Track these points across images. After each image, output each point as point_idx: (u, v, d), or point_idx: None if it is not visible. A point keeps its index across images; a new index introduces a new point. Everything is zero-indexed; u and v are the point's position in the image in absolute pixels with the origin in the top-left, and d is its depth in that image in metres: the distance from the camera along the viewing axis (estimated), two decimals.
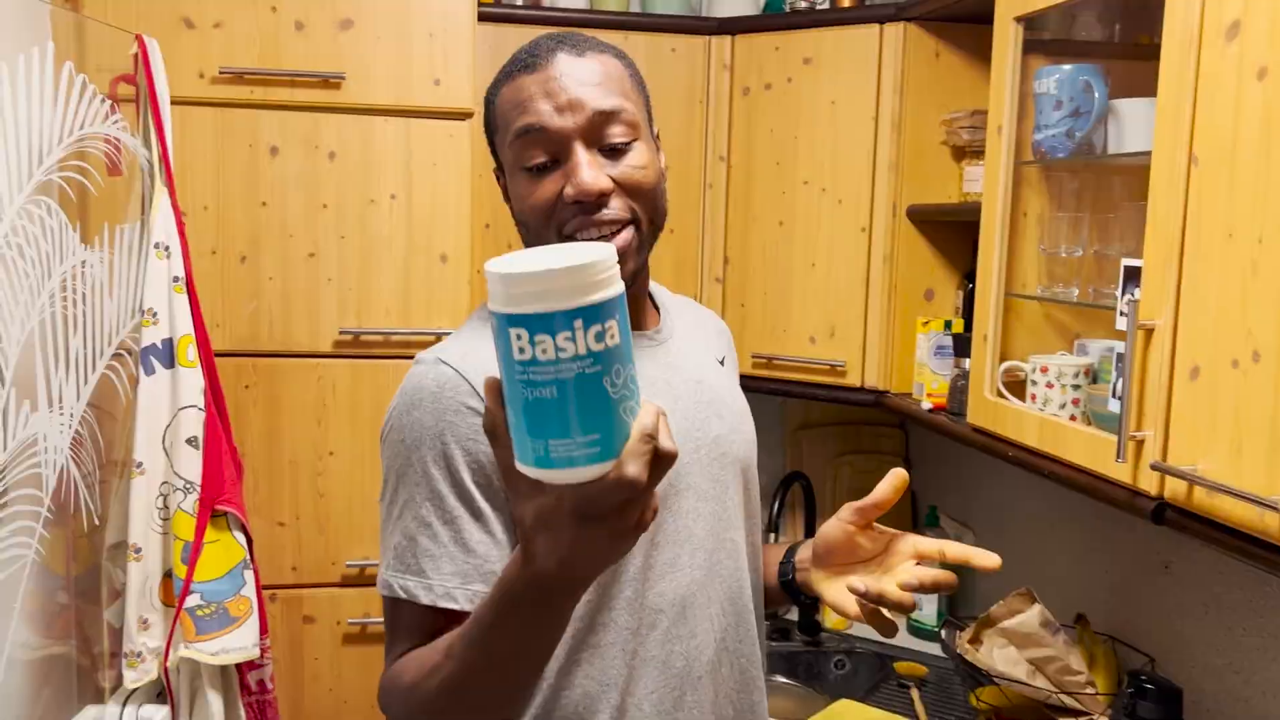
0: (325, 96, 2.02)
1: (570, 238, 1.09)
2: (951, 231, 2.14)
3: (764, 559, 1.33)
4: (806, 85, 2.18)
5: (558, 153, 1.10)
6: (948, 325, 2.05)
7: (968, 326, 1.93)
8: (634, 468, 0.71)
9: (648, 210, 1.14)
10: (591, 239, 1.09)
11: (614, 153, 1.11)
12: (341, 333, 2.07)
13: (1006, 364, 1.68)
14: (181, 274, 1.78)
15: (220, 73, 1.97)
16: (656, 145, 1.19)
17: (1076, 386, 1.57)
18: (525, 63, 1.12)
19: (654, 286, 1.31)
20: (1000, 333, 1.71)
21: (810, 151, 2.19)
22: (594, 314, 0.69)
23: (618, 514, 0.74)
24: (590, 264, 0.69)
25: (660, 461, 0.73)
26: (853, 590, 1.12)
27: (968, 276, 2.11)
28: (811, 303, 2.22)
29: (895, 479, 1.16)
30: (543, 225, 1.11)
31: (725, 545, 1.20)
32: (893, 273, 2.13)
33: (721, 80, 2.28)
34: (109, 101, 1.73)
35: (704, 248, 2.34)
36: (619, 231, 1.11)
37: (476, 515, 1.05)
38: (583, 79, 1.10)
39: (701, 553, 1.17)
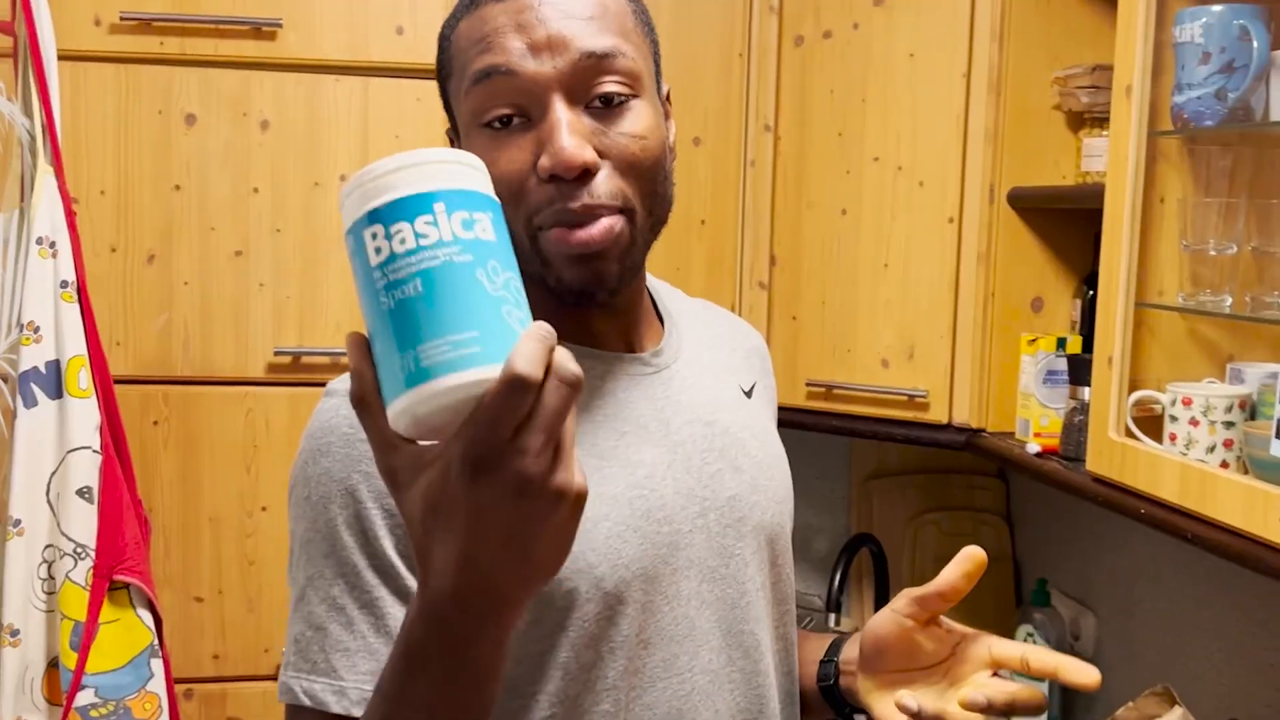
0: (257, 49, 2.04)
1: (546, 224, 1.03)
2: (1067, 223, 2.13)
3: (801, 655, 1.29)
4: (878, 33, 2.18)
5: (529, 107, 1.03)
6: (1061, 344, 2.03)
7: (1087, 346, 1.92)
8: (524, 363, 0.69)
9: (645, 194, 1.07)
10: (577, 230, 1.03)
11: (606, 111, 1.05)
12: (277, 353, 2.08)
13: (1138, 394, 1.67)
14: (72, 278, 1.79)
15: (122, 19, 1.99)
16: (665, 109, 1.15)
17: (1229, 424, 1.56)
18: None
19: (660, 287, 1.28)
20: (1130, 354, 1.70)
21: (881, 119, 2.19)
22: (458, 200, 0.74)
23: (517, 451, 0.70)
24: (459, 157, 0.76)
25: (562, 382, 0.71)
26: (902, 709, 1.09)
27: (1087, 281, 2.10)
28: (883, 315, 2.21)
29: (968, 562, 1.11)
30: (507, 205, 0.96)
31: (742, 642, 1.15)
32: (990, 276, 2.13)
33: (768, 27, 2.29)
34: None
35: (744, 244, 2.34)
36: (610, 216, 1.04)
37: (401, 594, 1.01)
38: (569, 9, 1.03)
39: (707, 651, 1.12)
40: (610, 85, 1.04)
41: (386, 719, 0.85)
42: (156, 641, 1.83)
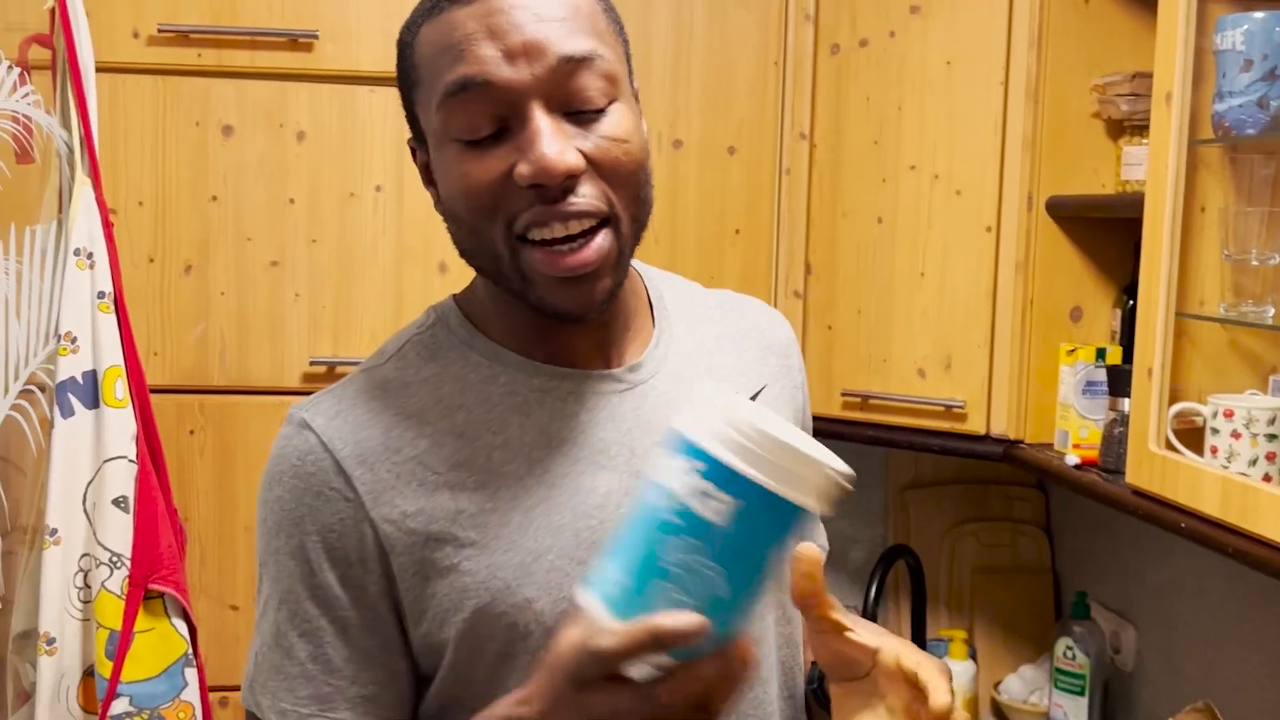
0: (293, 60, 2.04)
1: (523, 237, 1.00)
2: (1106, 231, 2.11)
3: (806, 656, 1.24)
4: (914, 41, 2.16)
5: (507, 116, 0.98)
6: (1100, 355, 2.01)
7: (1127, 357, 1.90)
8: (608, 640, 0.78)
9: (628, 200, 1.03)
10: (555, 236, 0.99)
11: (584, 117, 1.00)
12: (313, 363, 2.08)
13: (1179, 406, 1.65)
14: (109, 289, 1.80)
15: (160, 31, 2.00)
16: (638, 109, 1.09)
17: (1272, 437, 1.53)
18: None
19: (666, 287, 1.23)
20: (1171, 365, 1.67)
21: (919, 127, 2.17)
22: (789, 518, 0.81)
23: (594, 686, 0.80)
24: (842, 475, 0.84)
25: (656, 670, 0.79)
26: None
27: (1127, 291, 2.08)
28: (920, 325, 2.20)
29: (800, 562, 0.95)
30: (484, 218, 1.00)
31: None
32: (1028, 285, 2.10)
33: (804, 36, 2.27)
34: (18, 69, 1.75)
35: (779, 252, 2.33)
36: (591, 236, 1.00)
37: (342, 626, 1.03)
38: (541, 12, 0.98)
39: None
40: (589, 90, 1.00)
41: None
42: (191, 651, 1.84)
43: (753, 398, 1.19)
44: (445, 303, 1.15)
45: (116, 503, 1.79)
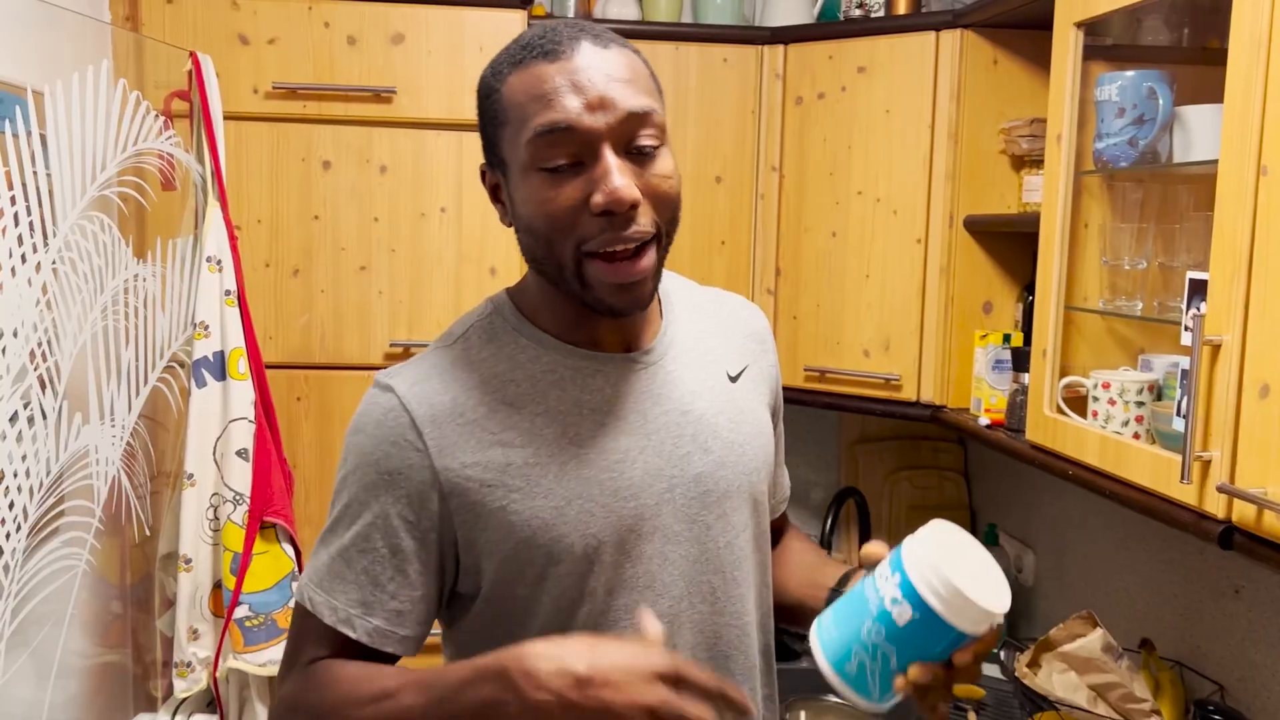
0: (377, 110, 2.03)
1: (593, 254, 1.00)
2: (1011, 242, 2.08)
3: (817, 577, 1.21)
4: (861, 94, 2.14)
5: (582, 154, 0.98)
6: (1006, 339, 1.99)
7: (1027, 340, 1.88)
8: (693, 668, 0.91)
9: (669, 223, 1.04)
10: (615, 254, 1.01)
11: (641, 158, 1.00)
12: (392, 345, 2.07)
13: (1067, 379, 1.63)
14: (233, 287, 1.80)
15: (274, 88, 1.99)
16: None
17: (1140, 403, 1.51)
18: (543, 49, 0.99)
19: (672, 285, 1.22)
20: (1060, 347, 1.65)
21: (864, 161, 2.15)
22: (950, 635, 0.91)
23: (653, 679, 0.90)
24: (993, 614, 0.92)
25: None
26: None
27: (1027, 289, 2.05)
28: (865, 315, 2.18)
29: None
30: (560, 235, 1.00)
31: (700, 590, 1.10)
32: (949, 285, 2.08)
33: (774, 90, 2.25)
34: (163, 118, 1.74)
35: (756, 259, 2.31)
36: (642, 252, 1.01)
37: (395, 551, 1.03)
38: (611, 74, 0.99)
39: (666, 599, 1.08)
40: (646, 138, 1.00)
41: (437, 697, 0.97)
42: (297, 569, 1.84)
43: (734, 377, 1.18)
44: (500, 295, 1.14)
45: (239, 453, 1.78)
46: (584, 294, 1.03)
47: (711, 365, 1.17)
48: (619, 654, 0.91)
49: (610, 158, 0.98)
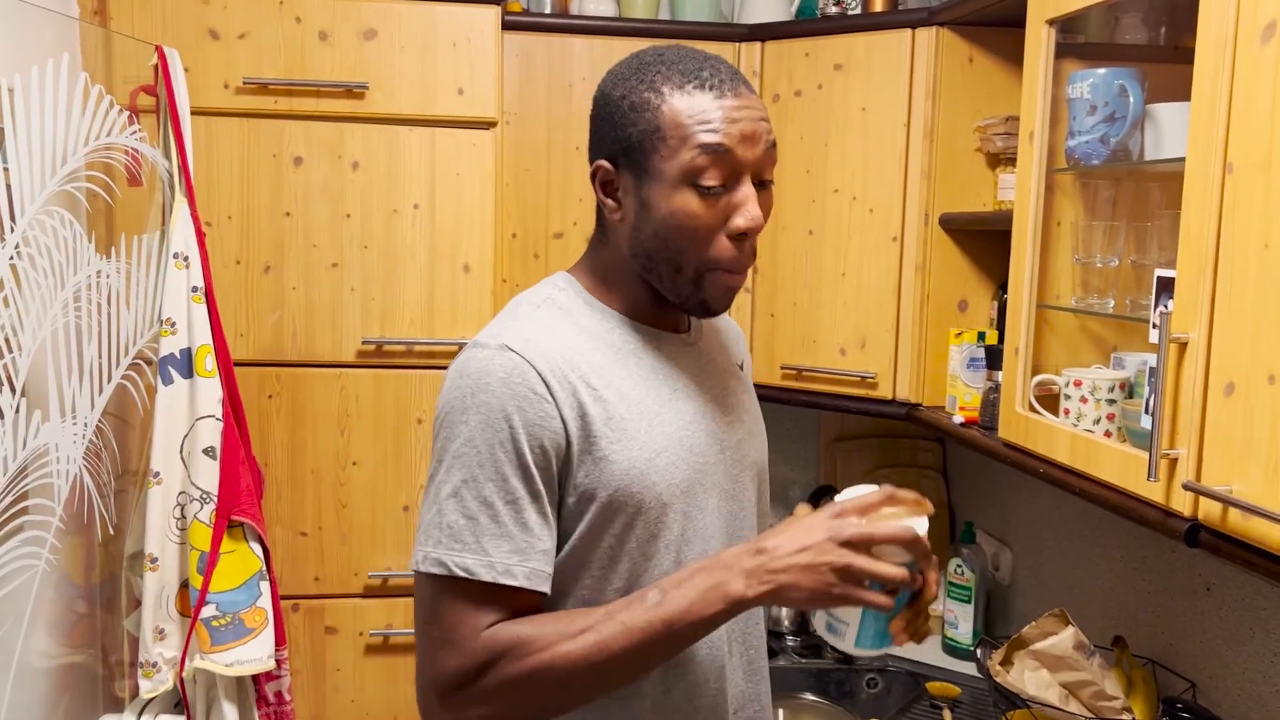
0: (349, 106, 2.01)
1: (721, 267, 1.14)
2: (986, 241, 2.08)
3: None
4: (837, 92, 2.13)
5: (729, 179, 1.11)
6: (981, 337, 1.98)
7: (1002, 339, 1.87)
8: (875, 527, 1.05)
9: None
10: (736, 269, 1.16)
11: (762, 188, 1.15)
12: (364, 343, 2.06)
13: (1039, 377, 1.62)
14: (201, 284, 1.77)
15: (244, 83, 1.97)
16: None
17: (1112, 401, 1.50)
18: (708, 81, 1.11)
19: None
20: (1033, 345, 1.65)
21: (841, 159, 2.14)
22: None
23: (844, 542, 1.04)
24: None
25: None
26: None
27: (1002, 287, 2.04)
28: (842, 313, 2.17)
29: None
30: (695, 246, 1.13)
31: (735, 542, 1.24)
32: (925, 283, 2.07)
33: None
34: (128, 113, 1.72)
35: None
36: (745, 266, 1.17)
37: (535, 496, 1.09)
38: (759, 114, 1.13)
39: (717, 546, 1.22)
40: (770, 173, 1.16)
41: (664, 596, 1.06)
42: (264, 568, 1.81)
43: (740, 367, 1.37)
44: (562, 277, 1.24)
45: (206, 452, 1.76)
46: (691, 295, 1.17)
47: (727, 354, 1.35)
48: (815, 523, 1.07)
49: (749, 186, 1.13)
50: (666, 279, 1.16)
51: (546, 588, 1.10)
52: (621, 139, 1.14)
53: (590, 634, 1.05)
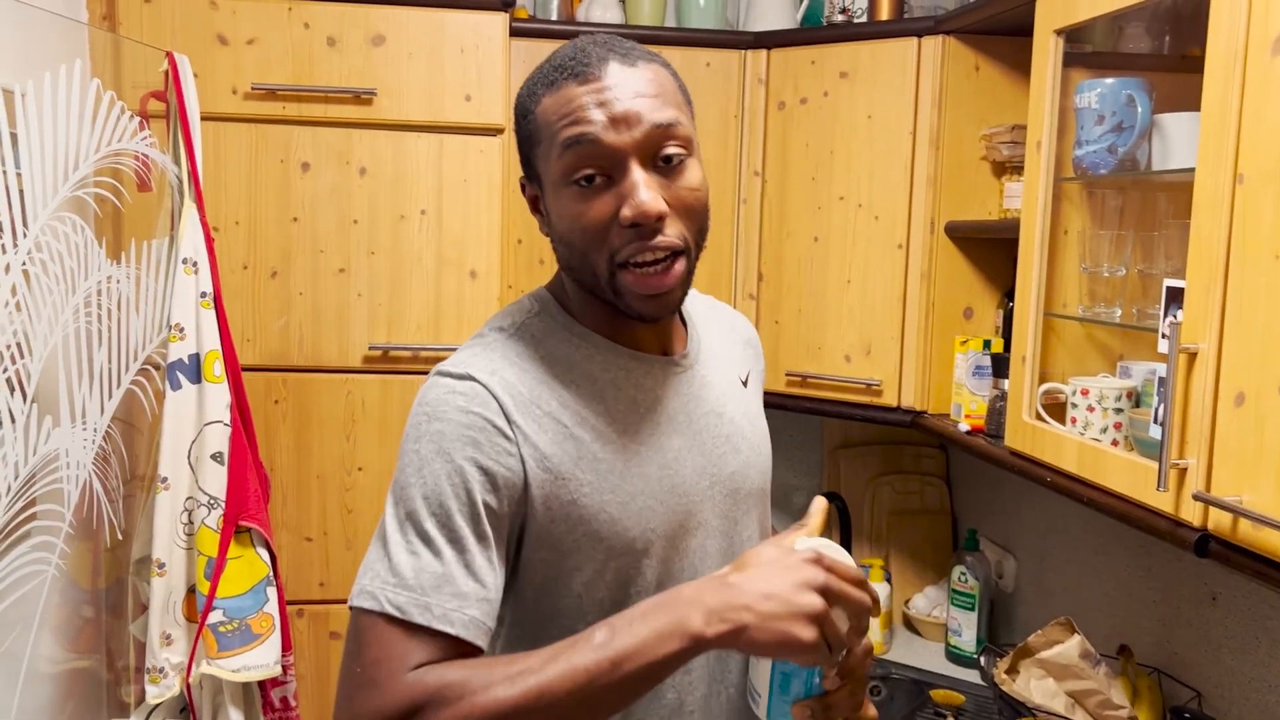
0: (357, 112, 2.01)
1: (624, 265, 1.03)
2: (992, 249, 2.08)
3: None
4: (843, 99, 2.13)
5: (611, 169, 1.02)
6: (987, 345, 1.99)
7: (1007, 347, 1.87)
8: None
9: (697, 234, 1.07)
10: (645, 264, 1.04)
11: (668, 170, 1.03)
12: (371, 348, 2.06)
13: (1046, 386, 1.62)
14: (209, 289, 1.78)
15: (253, 89, 1.97)
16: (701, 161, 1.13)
17: (1119, 410, 1.51)
18: (572, 70, 1.03)
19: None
20: (1039, 353, 1.65)
21: (846, 166, 2.14)
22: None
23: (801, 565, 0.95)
24: None
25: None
26: None
27: (1008, 295, 2.05)
28: (847, 320, 2.17)
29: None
30: (593, 247, 1.04)
31: None
32: (930, 290, 2.08)
33: (757, 94, 2.24)
34: (138, 118, 1.73)
35: (738, 263, 2.30)
36: (671, 264, 1.04)
37: (481, 539, 0.99)
38: (637, 90, 1.02)
39: None
40: (671, 149, 1.03)
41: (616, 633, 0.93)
42: (271, 574, 1.81)
43: (744, 382, 1.25)
44: (542, 293, 1.16)
45: (214, 457, 1.76)
46: (617, 301, 1.07)
47: (729, 371, 1.23)
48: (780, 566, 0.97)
49: (637, 172, 1.01)
50: (596, 290, 1.08)
51: (484, 642, 0.99)
52: (523, 154, 1.10)
53: (529, 677, 0.91)
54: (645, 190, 1.01)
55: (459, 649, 0.97)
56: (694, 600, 0.93)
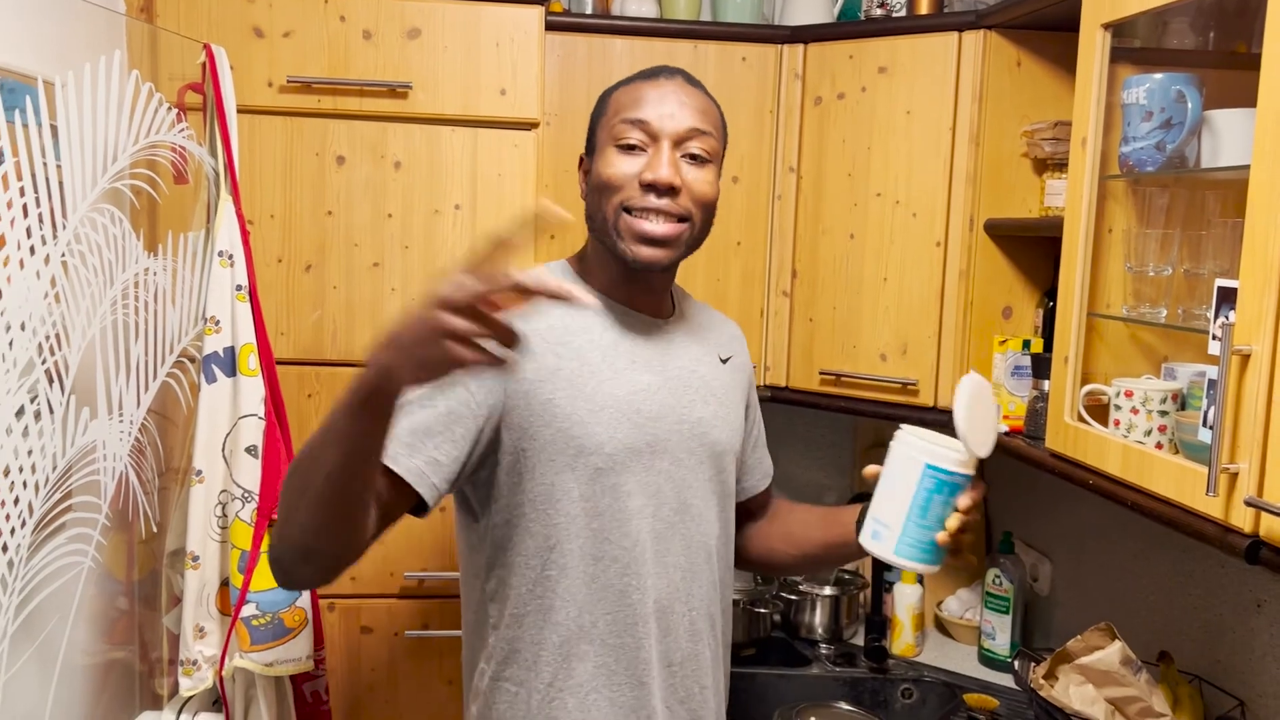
0: (392, 106, 2.01)
1: (630, 210, 1.33)
2: (1031, 247, 2.05)
3: (834, 518, 1.52)
4: (881, 95, 2.11)
5: (649, 143, 1.33)
6: (1026, 345, 1.96)
7: (1048, 347, 1.85)
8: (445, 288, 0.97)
9: (701, 219, 1.38)
10: (648, 211, 1.33)
11: (692, 163, 1.35)
12: None
13: (1088, 387, 1.60)
14: (245, 282, 1.78)
15: (288, 81, 1.97)
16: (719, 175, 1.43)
17: (1164, 413, 1.48)
18: (648, 75, 1.38)
19: (679, 292, 1.53)
20: (1082, 354, 1.63)
21: (884, 163, 2.12)
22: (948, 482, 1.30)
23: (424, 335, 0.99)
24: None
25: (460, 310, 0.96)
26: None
27: (1048, 294, 2.02)
28: (883, 319, 2.15)
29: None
30: (612, 193, 1.34)
31: (689, 508, 1.40)
32: (968, 289, 2.05)
33: (793, 90, 2.22)
34: (176, 110, 1.73)
35: (771, 260, 2.28)
36: (670, 221, 1.34)
37: (449, 412, 1.27)
38: (688, 102, 1.36)
39: (666, 508, 1.37)
40: (699, 148, 1.36)
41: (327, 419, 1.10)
42: None
43: (724, 360, 1.52)
44: (560, 261, 1.47)
45: (248, 450, 1.77)
46: (618, 244, 1.34)
47: (709, 346, 1.50)
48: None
49: (666, 149, 1.33)
50: (604, 234, 1.36)
51: (428, 493, 1.24)
52: (590, 127, 1.42)
53: (305, 444, 1.12)
54: (667, 163, 1.32)
55: (400, 490, 1.23)
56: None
